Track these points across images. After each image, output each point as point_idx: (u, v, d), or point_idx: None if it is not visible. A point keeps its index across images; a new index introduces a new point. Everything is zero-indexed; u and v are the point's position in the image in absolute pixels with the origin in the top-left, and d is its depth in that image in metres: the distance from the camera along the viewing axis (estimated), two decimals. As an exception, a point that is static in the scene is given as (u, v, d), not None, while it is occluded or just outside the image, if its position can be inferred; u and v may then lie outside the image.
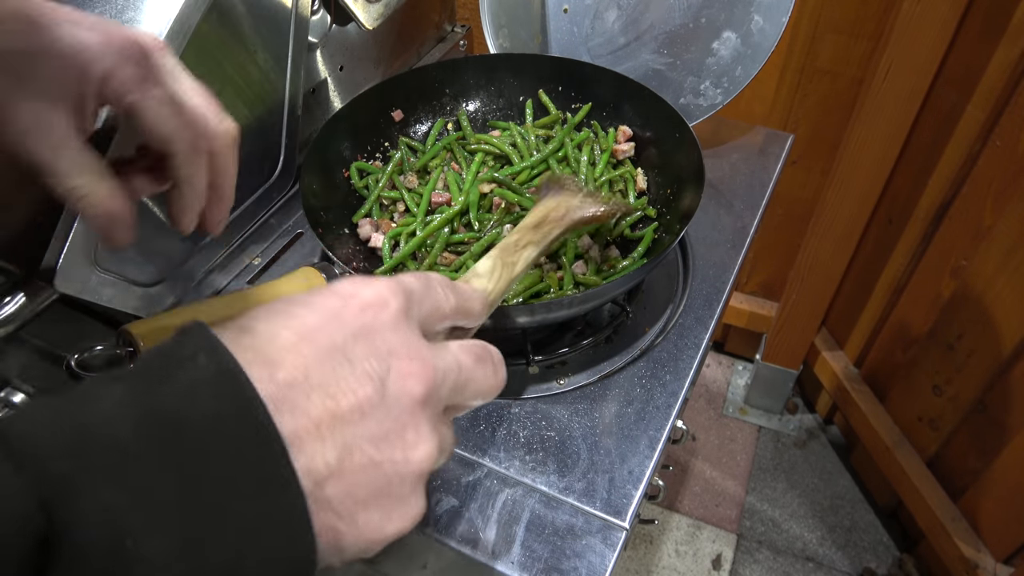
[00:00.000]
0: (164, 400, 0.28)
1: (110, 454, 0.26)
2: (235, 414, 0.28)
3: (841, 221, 1.39)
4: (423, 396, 0.33)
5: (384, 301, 0.34)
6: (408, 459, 0.32)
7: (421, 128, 0.87)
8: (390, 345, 0.33)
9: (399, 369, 0.32)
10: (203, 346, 0.30)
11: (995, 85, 1.11)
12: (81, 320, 0.74)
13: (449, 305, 0.39)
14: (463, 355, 0.37)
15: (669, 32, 0.89)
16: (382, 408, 0.31)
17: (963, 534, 1.35)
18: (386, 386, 0.32)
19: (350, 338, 0.32)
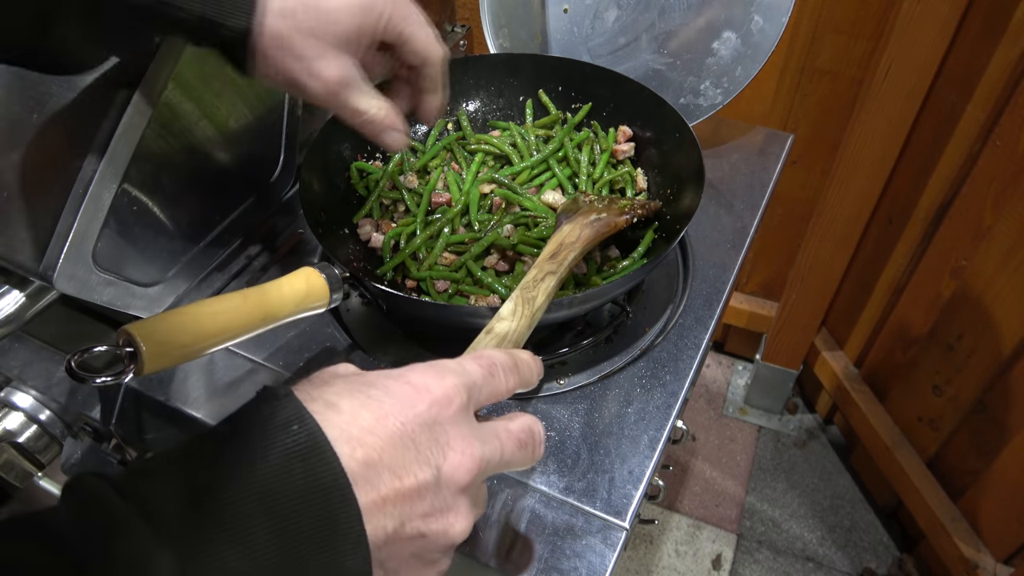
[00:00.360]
0: (265, 469, 0.34)
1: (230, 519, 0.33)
2: (326, 486, 0.35)
3: (841, 221, 1.39)
4: (468, 484, 0.40)
5: (449, 399, 0.40)
6: (447, 533, 0.39)
7: (421, 128, 0.87)
8: (449, 437, 0.39)
9: (452, 461, 0.39)
10: (295, 415, 0.36)
11: (995, 85, 1.11)
12: (81, 320, 0.75)
13: (508, 387, 0.46)
14: (508, 443, 0.43)
15: (669, 32, 0.89)
16: (434, 491, 0.38)
17: (963, 534, 1.35)
18: (441, 473, 0.39)
19: (418, 428, 0.38)
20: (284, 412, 0.36)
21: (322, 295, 0.62)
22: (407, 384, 0.40)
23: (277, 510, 0.33)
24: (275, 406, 0.37)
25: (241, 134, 0.74)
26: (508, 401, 0.66)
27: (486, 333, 0.52)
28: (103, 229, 0.60)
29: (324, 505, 0.34)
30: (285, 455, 0.35)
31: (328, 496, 0.35)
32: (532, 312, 0.54)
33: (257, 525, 0.33)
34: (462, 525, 0.40)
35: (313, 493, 0.34)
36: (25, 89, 0.57)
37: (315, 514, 0.34)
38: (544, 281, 0.57)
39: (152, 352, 0.50)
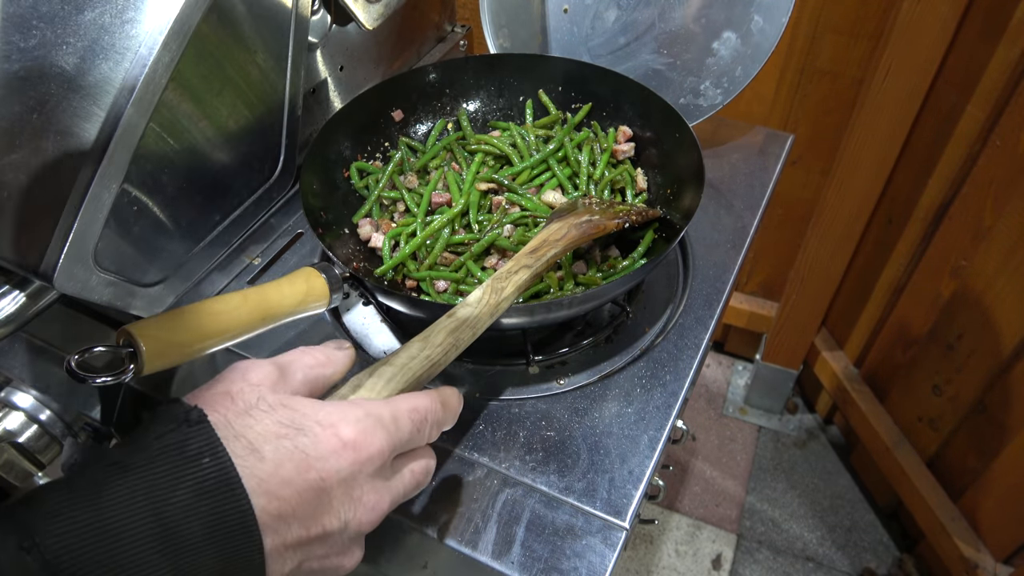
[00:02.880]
0: (171, 507, 0.34)
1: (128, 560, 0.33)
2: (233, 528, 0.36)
3: (841, 221, 1.39)
4: (375, 519, 0.43)
5: (372, 459, 0.42)
6: (341, 567, 0.43)
7: (421, 128, 0.87)
8: (363, 492, 0.42)
9: (360, 517, 0.42)
10: (207, 447, 0.36)
11: (995, 85, 1.11)
12: (81, 320, 0.75)
13: (431, 439, 0.49)
14: (411, 484, 0.47)
15: (669, 32, 0.89)
16: (337, 539, 0.41)
17: (963, 534, 1.35)
18: (348, 526, 0.41)
19: (336, 484, 0.40)
20: (196, 442, 0.36)
21: (322, 295, 0.62)
22: (335, 437, 0.41)
23: (178, 548, 0.34)
24: (187, 434, 0.37)
25: (241, 134, 0.74)
26: (499, 400, 0.66)
27: (447, 316, 0.54)
28: (103, 229, 0.60)
29: (228, 544, 0.35)
30: (194, 491, 0.35)
31: (233, 537, 0.35)
32: (497, 302, 0.56)
33: (156, 566, 0.33)
34: (352, 562, 0.43)
35: (219, 531, 0.35)
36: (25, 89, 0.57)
37: (218, 550, 0.35)
38: (517, 274, 0.58)
39: (152, 352, 0.50)
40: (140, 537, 0.33)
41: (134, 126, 0.59)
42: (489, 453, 0.62)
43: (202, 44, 0.64)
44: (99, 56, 0.58)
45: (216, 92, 0.68)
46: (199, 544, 0.34)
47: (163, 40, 0.58)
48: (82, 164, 0.57)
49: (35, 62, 0.57)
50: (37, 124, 0.57)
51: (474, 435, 0.63)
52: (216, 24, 0.65)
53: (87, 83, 0.57)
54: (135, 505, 0.34)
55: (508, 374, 0.68)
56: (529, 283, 0.59)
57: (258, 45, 0.71)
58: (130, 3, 0.58)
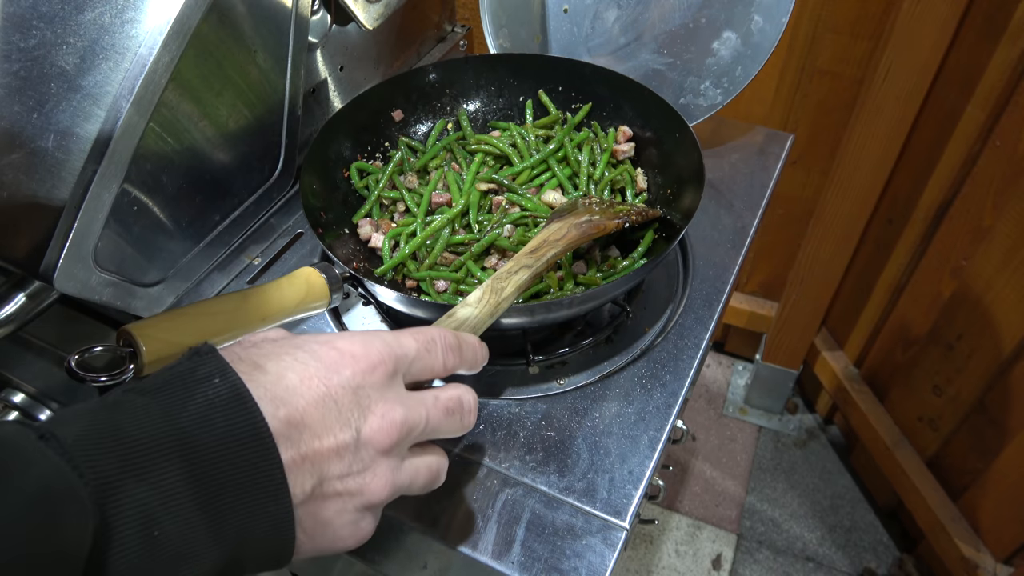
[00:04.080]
0: (185, 418, 0.35)
1: (144, 460, 0.33)
2: (246, 438, 0.36)
3: (841, 221, 1.39)
4: (388, 447, 0.41)
5: (374, 367, 0.41)
6: (363, 492, 0.40)
7: (421, 128, 0.87)
8: (371, 401, 0.41)
9: (372, 424, 0.40)
10: (217, 370, 0.37)
11: (995, 85, 1.11)
12: (81, 320, 0.75)
13: (447, 366, 0.47)
14: (435, 410, 0.45)
15: (669, 32, 0.89)
16: (353, 451, 0.40)
17: (963, 534, 1.35)
18: (360, 435, 0.40)
19: (341, 391, 0.40)
20: (206, 367, 0.37)
21: (322, 295, 0.62)
22: (334, 349, 0.41)
23: (194, 456, 0.34)
24: (197, 362, 0.37)
25: (241, 134, 0.74)
26: (499, 400, 0.66)
27: (447, 316, 0.54)
28: (103, 229, 0.60)
29: (244, 455, 0.35)
30: (206, 405, 0.35)
31: (248, 447, 0.35)
32: (497, 302, 0.55)
33: (172, 468, 0.33)
34: (378, 485, 0.41)
35: (233, 443, 0.35)
36: (25, 89, 0.57)
37: (235, 463, 0.35)
38: (517, 274, 0.58)
39: (152, 352, 0.50)
40: (156, 441, 0.34)
41: (134, 126, 0.59)
42: (489, 453, 0.62)
43: (202, 44, 0.64)
44: (99, 56, 0.58)
45: (216, 92, 0.68)
46: (215, 454, 0.34)
47: (163, 40, 0.58)
48: (82, 164, 0.57)
49: (35, 62, 0.57)
50: (37, 124, 0.57)
51: (474, 435, 0.63)
52: (216, 24, 0.65)
53: (87, 83, 0.57)
54: (150, 417, 0.34)
55: (508, 374, 0.68)
56: (529, 283, 0.59)
57: (258, 45, 0.71)
58: (130, 3, 0.58)
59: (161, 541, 0.33)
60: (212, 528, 0.34)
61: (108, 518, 0.32)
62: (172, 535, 0.33)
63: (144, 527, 0.32)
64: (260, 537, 0.36)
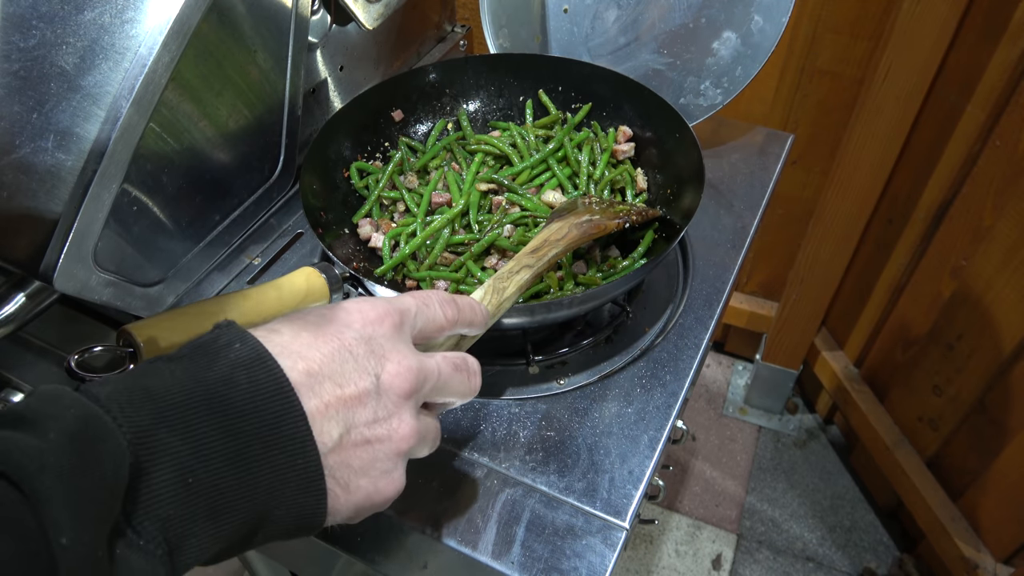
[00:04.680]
0: (211, 377, 0.36)
1: (174, 413, 0.34)
2: (270, 392, 0.37)
3: (841, 221, 1.39)
4: (408, 391, 0.42)
5: (381, 319, 0.43)
6: (392, 438, 0.41)
7: (421, 128, 0.87)
8: (385, 350, 0.42)
9: (390, 370, 0.42)
10: (237, 337, 0.39)
11: (995, 85, 1.11)
12: (81, 320, 0.75)
13: (447, 318, 0.48)
14: (444, 364, 0.46)
15: (669, 32, 0.89)
16: (376, 398, 0.41)
17: (963, 534, 1.35)
18: (380, 381, 0.41)
19: (354, 342, 0.41)
20: (227, 335, 0.39)
21: (322, 295, 0.62)
22: (341, 310, 0.43)
23: (222, 411, 0.35)
24: (218, 332, 0.39)
25: (241, 134, 0.74)
26: (499, 399, 0.66)
27: None
28: (103, 229, 0.60)
29: (269, 408, 0.36)
30: (230, 366, 0.37)
31: (272, 400, 0.37)
32: (499, 301, 0.56)
33: (202, 421, 0.35)
34: (406, 430, 0.42)
35: (259, 397, 0.36)
36: (25, 89, 0.57)
37: (260, 417, 0.36)
38: (519, 274, 0.58)
39: (152, 352, 0.50)
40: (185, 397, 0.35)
41: (134, 126, 0.59)
42: (489, 453, 0.62)
43: (202, 44, 0.64)
44: (99, 56, 0.58)
45: (216, 92, 0.68)
46: (242, 407, 0.36)
47: (163, 40, 0.58)
48: (82, 164, 0.57)
49: (35, 62, 0.57)
50: (37, 124, 0.57)
51: (474, 435, 0.63)
52: (216, 24, 0.65)
53: (87, 83, 0.57)
54: (177, 378, 0.36)
55: (508, 374, 0.68)
56: (531, 283, 0.59)
57: (258, 45, 0.71)
58: (130, 3, 0.58)
59: (195, 489, 0.34)
60: (243, 480, 0.35)
61: (142, 462, 0.33)
62: (205, 484, 0.34)
63: (179, 473, 0.33)
64: (292, 490, 0.37)
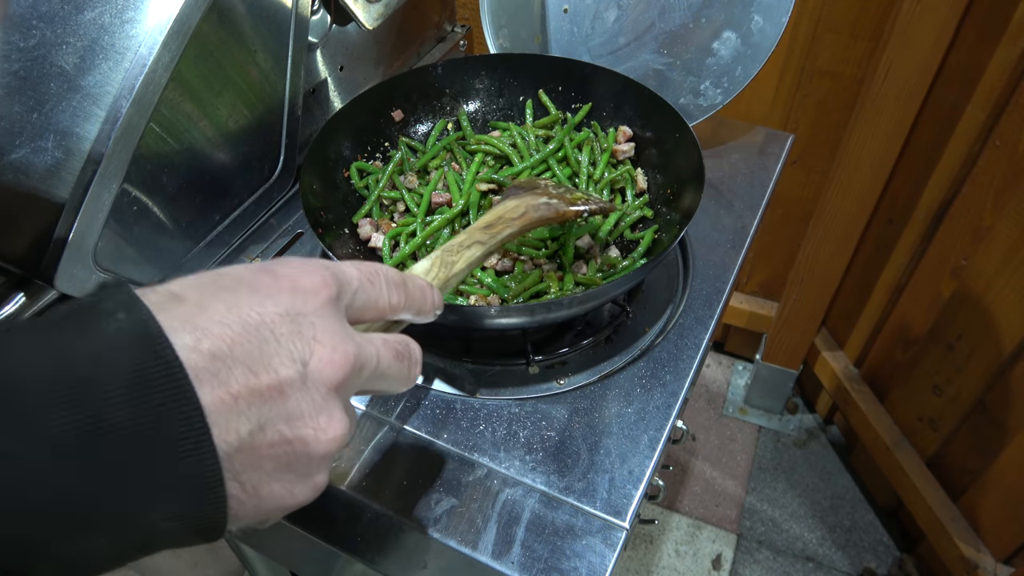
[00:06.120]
0: (79, 355, 0.28)
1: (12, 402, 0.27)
2: (153, 378, 0.29)
3: (841, 221, 1.39)
4: (340, 382, 0.34)
5: (316, 290, 0.35)
6: (318, 439, 0.34)
7: (421, 128, 0.87)
8: (316, 331, 0.34)
9: (320, 356, 0.34)
10: (123, 303, 0.30)
11: (995, 85, 1.11)
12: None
13: (391, 303, 0.41)
14: (384, 350, 0.38)
15: (669, 32, 0.89)
16: (300, 389, 0.33)
17: (963, 534, 1.35)
18: (308, 369, 0.33)
19: (278, 319, 0.33)
20: (112, 301, 0.30)
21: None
22: (266, 273, 0.34)
23: (84, 403, 0.28)
24: (102, 295, 0.31)
25: (241, 134, 0.74)
26: (499, 399, 0.66)
27: None
28: (103, 229, 0.60)
29: (150, 397, 0.28)
30: (105, 343, 0.29)
31: (155, 389, 0.29)
32: (447, 277, 0.51)
33: (55, 418, 0.27)
34: (336, 429, 0.34)
35: (138, 385, 0.28)
36: (25, 89, 0.57)
37: (136, 410, 0.28)
38: (470, 249, 0.54)
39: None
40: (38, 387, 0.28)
41: (134, 126, 0.59)
42: (489, 453, 0.62)
43: (202, 44, 0.64)
44: (99, 56, 0.58)
45: (216, 92, 0.68)
46: (113, 398, 0.28)
47: (163, 40, 0.58)
48: (82, 164, 0.57)
49: (35, 62, 0.57)
50: (37, 124, 0.57)
51: (474, 435, 0.63)
52: (216, 24, 0.65)
53: (87, 83, 0.57)
54: (34, 353, 0.28)
55: (508, 374, 0.68)
56: (480, 261, 0.55)
57: (258, 45, 0.71)
58: (130, 3, 0.58)
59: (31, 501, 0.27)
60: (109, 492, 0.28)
61: None
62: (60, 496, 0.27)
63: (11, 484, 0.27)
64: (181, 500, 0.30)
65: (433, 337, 0.71)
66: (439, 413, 0.65)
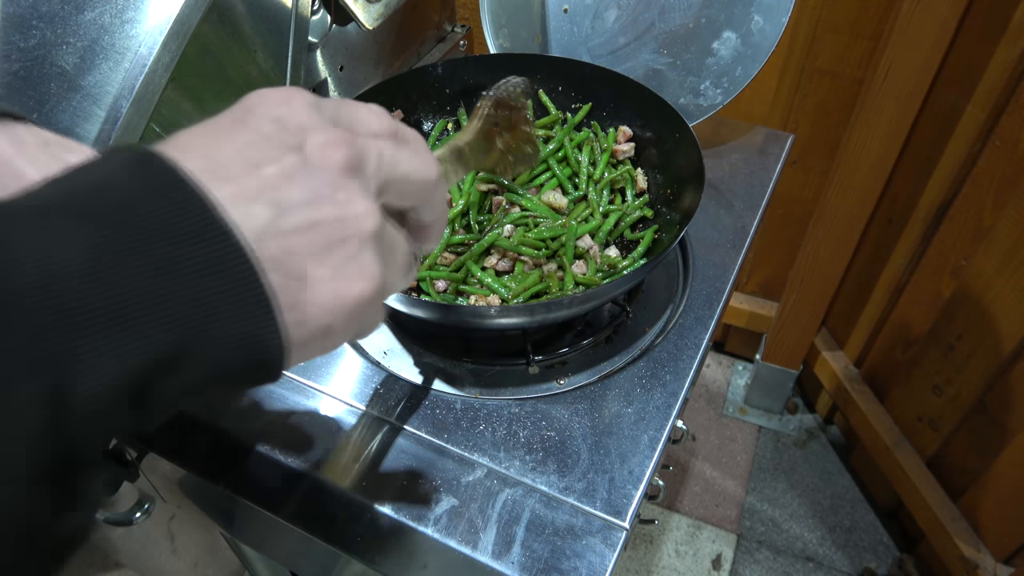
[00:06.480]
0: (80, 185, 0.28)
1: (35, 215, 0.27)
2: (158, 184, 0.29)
3: (841, 221, 1.39)
4: (346, 162, 0.33)
5: (289, 97, 0.34)
6: (345, 217, 0.32)
7: (421, 128, 0.87)
8: (300, 123, 0.33)
9: (315, 140, 0.32)
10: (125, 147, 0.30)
11: (995, 85, 1.12)
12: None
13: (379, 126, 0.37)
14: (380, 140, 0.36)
15: (669, 32, 0.89)
16: (307, 173, 0.32)
17: (963, 534, 1.35)
18: (306, 153, 0.32)
19: (264, 122, 0.32)
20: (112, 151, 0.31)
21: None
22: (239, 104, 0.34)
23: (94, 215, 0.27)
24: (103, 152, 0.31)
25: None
26: (499, 399, 0.66)
27: None
28: (103, 229, 0.60)
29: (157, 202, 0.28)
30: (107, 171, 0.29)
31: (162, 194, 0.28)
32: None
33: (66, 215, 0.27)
34: (360, 207, 0.33)
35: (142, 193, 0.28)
36: (25, 89, 0.57)
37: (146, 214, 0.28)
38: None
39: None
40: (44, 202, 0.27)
41: (134, 126, 0.59)
42: (489, 453, 0.62)
43: (202, 44, 0.64)
44: (99, 56, 0.58)
45: (216, 92, 0.68)
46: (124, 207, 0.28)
47: (163, 40, 0.58)
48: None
49: (35, 62, 0.57)
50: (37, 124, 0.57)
51: (474, 435, 0.63)
52: (216, 23, 0.65)
53: (87, 83, 0.58)
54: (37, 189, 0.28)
55: (508, 374, 0.68)
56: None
57: (258, 45, 0.71)
58: (130, 3, 0.58)
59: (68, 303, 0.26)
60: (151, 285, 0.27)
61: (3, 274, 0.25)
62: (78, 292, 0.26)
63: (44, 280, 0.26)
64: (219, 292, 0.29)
65: (433, 337, 0.71)
66: (439, 413, 0.65)
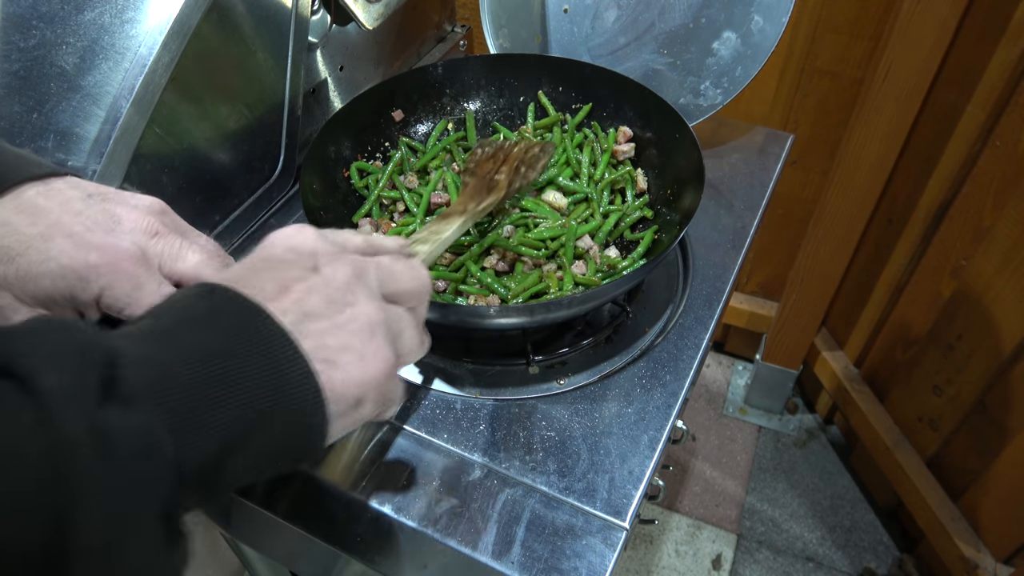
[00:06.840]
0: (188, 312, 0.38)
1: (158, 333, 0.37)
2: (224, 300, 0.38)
3: (841, 221, 1.39)
4: (352, 275, 0.43)
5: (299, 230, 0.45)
6: (355, 316, 0.42)
7: (421, 128, 0.87)
8: (312, 248, 0.43)
9: (324, 261, 0.43)
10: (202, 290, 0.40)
11: (995, 85, 1.12)
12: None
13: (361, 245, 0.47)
14: (379, 258, 0.46)
15: (669, 32, 0.89)
16: (323, 287, 0.42)
17: (963, 534, 1.35)
18: (321, 273, 0.42)
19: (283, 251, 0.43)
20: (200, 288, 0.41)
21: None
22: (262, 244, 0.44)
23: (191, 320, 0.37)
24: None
25: (241, 134, 0.74)
26: (499, 399, 0.66)
27: None
28: (103, 229, 0.60)
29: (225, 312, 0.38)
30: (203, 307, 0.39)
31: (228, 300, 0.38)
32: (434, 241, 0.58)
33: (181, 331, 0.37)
34: (364, 308, 0.42)
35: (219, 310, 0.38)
36: (25, 89, 0.57)
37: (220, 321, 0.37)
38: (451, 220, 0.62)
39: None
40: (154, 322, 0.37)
41: (134, 126, 0.59)
42: (489, 453, 0.62)
43: (202, 44, 0.64)
44: (99, 56, 0.58)
45: (216, 92, 0.68)
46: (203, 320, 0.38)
47: (163, 40, 0.58)
48: (82, 164, 0.57)
49: (35, 62, 0.57)
50: (37, 124, 0.57)
51: (474, 435, 0.63)
52: (216, 24, 0.65)
53: (87, 83, 0.58)
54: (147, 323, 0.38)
55: (508, 374, 0.68)
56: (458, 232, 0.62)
57: (258, 45, 0.71)
58: (130, 3, 0.58)
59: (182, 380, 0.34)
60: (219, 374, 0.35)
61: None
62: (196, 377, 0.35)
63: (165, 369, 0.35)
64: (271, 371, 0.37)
65: (433, 337, 0.71)
66: (439, 413, 0.65)
